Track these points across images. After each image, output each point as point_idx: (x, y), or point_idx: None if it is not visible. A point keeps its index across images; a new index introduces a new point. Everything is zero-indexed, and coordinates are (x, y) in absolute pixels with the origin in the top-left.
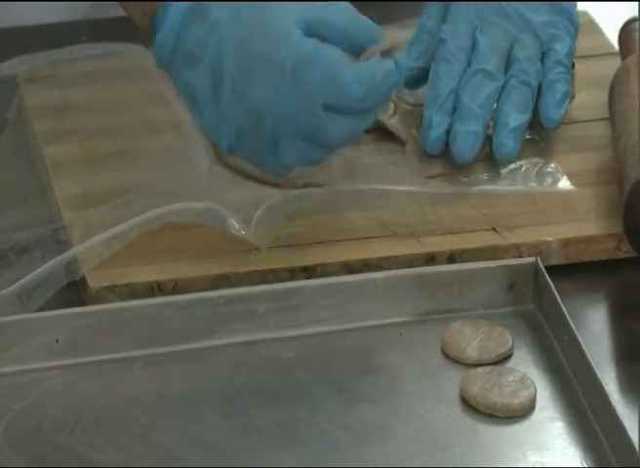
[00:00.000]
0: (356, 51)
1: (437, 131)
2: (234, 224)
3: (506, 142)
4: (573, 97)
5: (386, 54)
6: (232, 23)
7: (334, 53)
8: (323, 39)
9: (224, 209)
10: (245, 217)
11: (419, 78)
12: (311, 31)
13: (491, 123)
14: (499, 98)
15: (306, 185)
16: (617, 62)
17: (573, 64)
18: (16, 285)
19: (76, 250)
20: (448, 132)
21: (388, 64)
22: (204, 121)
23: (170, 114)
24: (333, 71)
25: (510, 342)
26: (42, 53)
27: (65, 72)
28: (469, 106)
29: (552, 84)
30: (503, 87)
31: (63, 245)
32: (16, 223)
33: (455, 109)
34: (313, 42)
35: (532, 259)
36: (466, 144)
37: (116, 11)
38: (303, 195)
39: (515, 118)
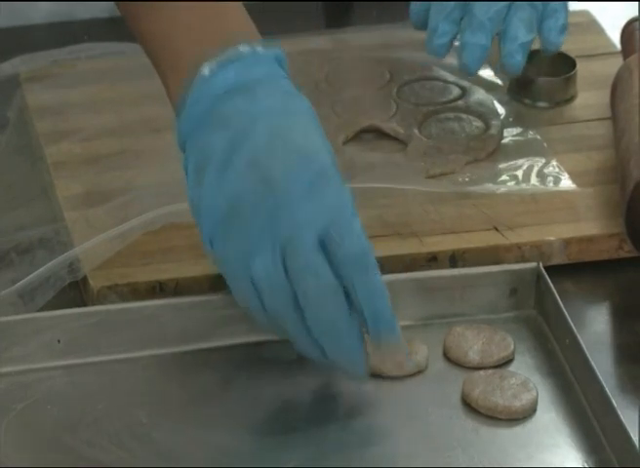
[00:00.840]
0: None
1: (442, 39)
2: None
3: (516, 55)
4: (574, 97)
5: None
6: (280, 110)
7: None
8: None
9: None
10: None
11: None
12: None
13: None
14: (506, 14)
15: None
16: (618, 62)
17: (574, 63)
18: (17, 284)
19: (77, 250)
20: (451, 40)
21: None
22: (202, 191)
23: (170, 114)
24: (350, 213)
25: (512, 346)
26: (43, 52)
27: (67, 72)
28: (480, 18)
29: (554, 12)
30: (511, 5)
31: (65, 245)
32: (18, 223)
33: (462, 17)
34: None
35: (534, 264)
36: (474, 56)
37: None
38: None
39: (524, 34)
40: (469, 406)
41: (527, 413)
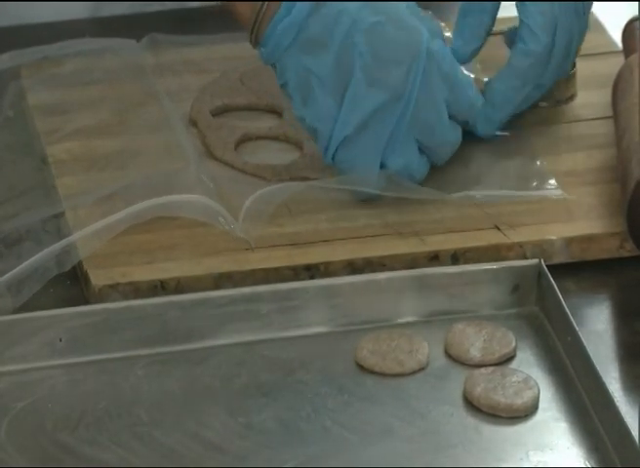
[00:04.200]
0: None
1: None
2: (222, 218)
3: None
4: (574, 96)
5: None
6: (363, 10)
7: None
8: None
9: (214, 202)
10: (234, 211)
11: None
12: None
13: None
14: None
15: (293, 178)
16: (620, 61)
17: (573, 63)
18: (5, 276)
19: (64, 241)
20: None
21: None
22: (317, 110)
23: (163, 112)
24: (456, 69)
25: (513, 343)
26: (32, 48)
27: (67, 70)
28: None
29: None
30: None
31: (52, 236)
32: (8, 215)
33: None
34: (439, 41)
35: (535, 261)
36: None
37: (119, 9)
38: (290, 187)
39: None
40: (471, 403)
41: (528, 411)
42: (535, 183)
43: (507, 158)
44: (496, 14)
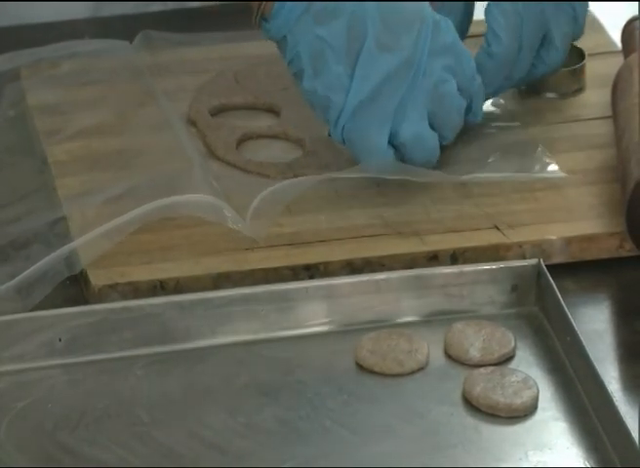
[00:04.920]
0: None
1: None
2: (230, 217)
3: None
4: (583, 89)
5: None
6: None
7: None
8: None
9: (220, 201)
10: (239, 210)
11: None
12: None
13: None
14: None
15: (297, 176)
16: (619, 61)
17: (583, 55)
18: (16, 279)
19: (74, 243)
20: None
21: None
22: (329, 80)
23: (161, 112)
24: (458, 40)
25: (513, 343)
26: (29, 50)
27: (66, 71)
28: None
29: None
30: None
31: (62, 239)
32: (14, 218)
33: None
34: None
35: (535, 261)
36: None
37: (120, 9)
38: (296, 184)
39: None
40: (470, 403)
41: (528, 411)
42: (537, 167)
43: (509, 145)
44: (469, 14)
